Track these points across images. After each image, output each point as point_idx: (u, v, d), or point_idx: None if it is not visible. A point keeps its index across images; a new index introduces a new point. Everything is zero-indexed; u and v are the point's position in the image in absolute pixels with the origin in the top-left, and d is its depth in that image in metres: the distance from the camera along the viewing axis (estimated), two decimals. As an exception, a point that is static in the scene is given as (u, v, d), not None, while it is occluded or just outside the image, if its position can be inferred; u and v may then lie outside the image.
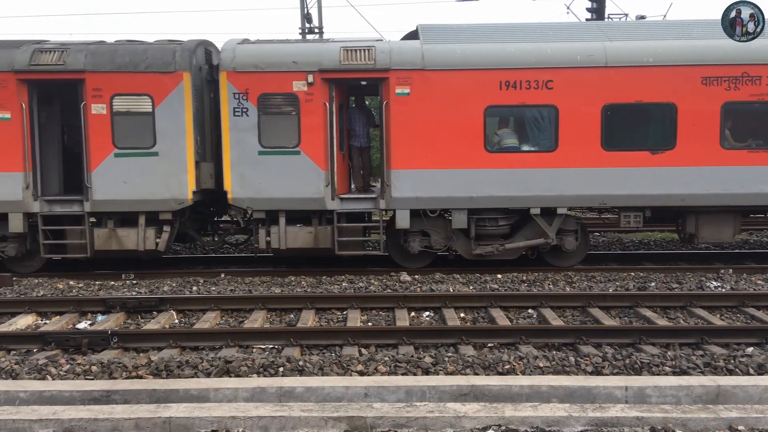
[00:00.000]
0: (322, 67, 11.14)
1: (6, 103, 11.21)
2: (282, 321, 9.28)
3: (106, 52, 11.35)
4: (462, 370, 6.60)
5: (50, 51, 11.32)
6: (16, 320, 9.03)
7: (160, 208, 11.41)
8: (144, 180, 11.28)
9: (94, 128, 11.26)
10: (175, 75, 11.17)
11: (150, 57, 11.23)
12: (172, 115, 11.21)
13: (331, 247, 11.48)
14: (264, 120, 11.23)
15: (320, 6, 24.59)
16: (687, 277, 11.13)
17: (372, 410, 5.44)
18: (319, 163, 11.28)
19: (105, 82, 11.19)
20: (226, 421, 5.30)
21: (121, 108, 11.24)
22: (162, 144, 11.26)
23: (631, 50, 11.13)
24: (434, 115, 11.15)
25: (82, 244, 11.52)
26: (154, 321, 9.00)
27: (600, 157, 11.21)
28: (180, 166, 11.29)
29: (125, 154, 11.27)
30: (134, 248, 11.49)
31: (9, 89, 11.19)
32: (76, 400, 5.81)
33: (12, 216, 11.38)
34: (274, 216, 11.51)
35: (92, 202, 11.38)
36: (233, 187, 11.36)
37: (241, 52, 11.30)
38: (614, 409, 5.46)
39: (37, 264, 12.06)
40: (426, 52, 11.18)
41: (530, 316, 9.30)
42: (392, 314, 9.26)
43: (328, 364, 6.74)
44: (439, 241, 11.69)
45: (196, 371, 6.66)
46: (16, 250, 11.68)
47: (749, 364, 6.69)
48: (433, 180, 11.28)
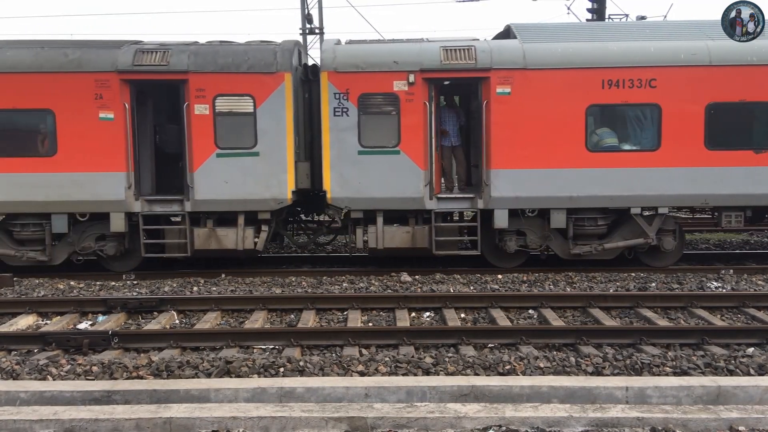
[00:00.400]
0: (423, 66, 11.16)
1: (109, 104, 11.19)
2: (282, 321, 9.28)
3: (208, 52, 11.40)
4: (462, 371, 6.60)
5: (152, 51, 11.34)
6: (17, 320, 9.03)
7: (259, 208, 11.46)
8: (244, 180, 11.33)
9: (197, 129, 11.30)
10: (276, 75, 11.23)
11: (252, 58, 11.27)
12: (273, 116, 11.25)
13: (427, 247, 11.50)
14: (364, 120, 11.27)
15: (321, 6, 24.62)
16: (687, 277, 11.13)
17: (372, 411, 5.44)
18: (418, 162, 11.30)
19: (208, 83, 11.23)
20: (227, 422, 5.30)
21: (224, 108, 11.28)
22: (263, 144, 11.30)
23: (735, 49, 11.03)
24: (535, 114, 11.13)
25: (182, 243, 11.56)
26: (155, 321, 9.00)
27: (703, 156, 11.16)
28: (280, 166, 11.33)
29: (227, 154, 11.31)
30: (233, 248, 11.53)
31: (112, 89, 11.17)
32: (76, 400, 5.81)
33: (114, 216, 11.37)
34: (370, 216, 11.54)
35: (193, 202, 11.42)
36: (332, 187, 11.38)
37: (341, 53, 11.35)
38: (615, 410, 5.46)
39: (133, 263, 12.08)
40: (527, 51, 11.16)
41: (531, 316, 9.30)
42: (393, 315, 9.26)
43: (328, 364, 6.74)
44: (535, 240, 11.68)
45: (196, 371, 6.67)
46: (116, 249, 11.70)
47: (750, 364, 6.69)
48: (533, 179, 11.27)
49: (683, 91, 11.07)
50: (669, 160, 11.17)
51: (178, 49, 11.40)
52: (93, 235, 11.71)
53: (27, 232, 11.61)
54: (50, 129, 11.29)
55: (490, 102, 11.13)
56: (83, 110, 11.17)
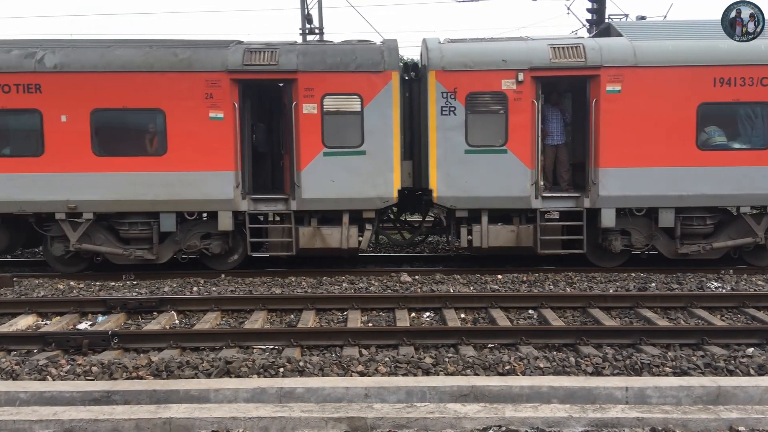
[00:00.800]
0: (533, 65, 11.18)
1: (219, 103, 11.22)
2: (282, 322, 9.28)
3: (317, 52, 11.46)
4: (462, 371, 6.60)
5: (261, 51, 11.37)
6: (17, 321, 9.03)
7: (365, 207, 11.53)
8: (351, 178, 11.38)
9: (305, 128, 11.33)
10: (384, 74, 11.27)
11: (360, 57, 11.31)
12: (380, 115, 11.30)
13: (532, 246, 11.54)
14: (471, 119, 11.30)
15: (320, 7, 24.59)
16: (687, 277, 11.13)
17: (372, 411, 5.44)
18: (525, 161, 11.32)
19: (317, 82, 11.28)
20: (227, 422, 5.30)
21: (332, 107, 11.32)
22: (369, 143, 11.35)
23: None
24: (645, 112, 11.13)
25: (287, 242, 11.59)
26: (155, 321, 9.00)
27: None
28: (386, 165, 11.39)
29: (334, 153, 11.36)
30: (338, 246, 11.59)
31: (223, 89, 11.20)
32: (76, 400, 5.81)
33: (222, 214, 11.40)
34: (474, 215, 11.56)
35: (299, 201, 11.46)
36: (438, 186, 11.41)
37: (449, 52, 11.37)
38: (615, 410, 5.45)
39: (235, 262, 12.12)
40: (637, 49, 11.16)
41: (531, 316, 9.30)
42: (392, 315, 9.26)
43: (328, 364, 6.74)
44: (640, 240, 11.65)
45: (196, 372, 6.67)
46: (221, 247, 11.76)
47: (750, 364, 6.69)
48: (642, 178, 11.26)
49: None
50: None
51: (286, 49, 11.45)
52: (198, 233, 11.76)
53: (135, 230, 11.61)
54: (160, 128, 11.32)
55: (600, 100, 11.15)
56: (193, 110, 11.22)
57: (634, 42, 11.27)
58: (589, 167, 11.44)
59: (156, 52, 11.31)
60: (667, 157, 11.20)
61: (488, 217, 11.51)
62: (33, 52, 11.22)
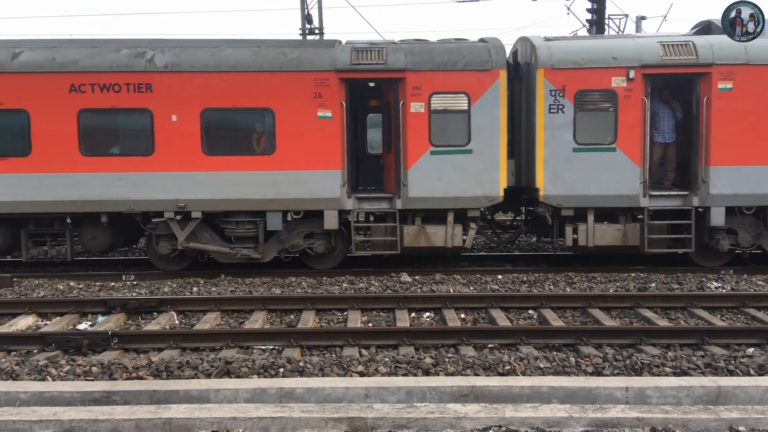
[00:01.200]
0: (643, 62, 11.20)
1: (327, 102, 11.26)
2: (282, 322, 9.28)
3: (424, 50, 11.45)
4: (462, 371, 6.59)
5: (369, 50, 11.40)
6: (17, 321, 9.02)
7: (470, 205, 11.54)
8: (457, 177, 11.39)
9: (412, 126, 11.36)
10: (491, 73, 11.29)
11: (468, 55, 11.32)
12: (487, 113, 11.32)
13: (638, 245, 11.52)
14: (580, 116, 11.31)
15: (320, 7, 24.59)
16: (687, 277, 11.13)
17: (372, 411, 5.43)
18: (635, 159, 11.33)
19: (424, 81, 11.29)
20: (227, 422, 5.30)
21: (439, 106, 11.35)
22: (476, 141, 11.37)
23: None
24: (757, 109, 11.16)
25: (392, 241, 11.61)
26: (155, 322, 9.00)
27: None
28: (493, 164, 11.40)
29: (440, 152, 11.38)
30: (442, 245, 11.60)
31: (331, 88, 11.24)
32: (76, 400, 5.81)
33: (328, 213, 11.46)
34: (578, 213, 11.58)
35: (405, 199, 11.48)
36: (545, 185, 11.41)
37: (558, 50, 11.39)
38: (615, 410, 5.45)
39: (335, 261, 12.15)
40: (748, 47, 11.12)
41: (531, 316, 9.30)
42: (392, 315, 9.25)
43: (328, 365, 6.74)
44: (747, 238, 11.67)
45: (196, 372, 6.66)
46: (324, 246, 11.81)
47: (750, 364, 6.69)
48: (754, 176, 11.29)
49: None
50: None
51: (394, 48, 11.48)
52: (302, 232, 11.80)
53: (241, 229, 11.65)
54: (269, 128, 11.37)
55: (711, 98, 11.15)
56: (302, 109, 11.27)
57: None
58: (698, 165, 11.42)
59: (265, 52, 11.36)
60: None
61: (593, 216, 11.52)
62: (143, 51, 11.27)
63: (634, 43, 11.47)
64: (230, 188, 11.35)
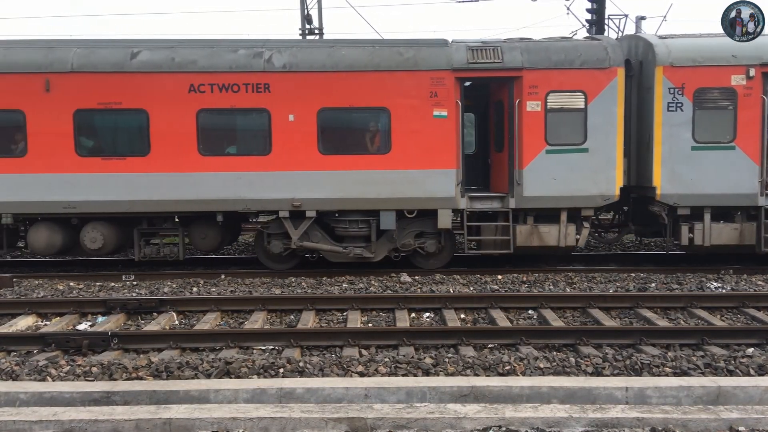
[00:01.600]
0: (763, 60, 11.25)
1: (443, 101, 11.29)
2: (282, 322, 9.28)
3: (540, 49, 11.47)
4: (462, 371, 6.60)
5: (484, 49, 11.42)
6: (17, 321, 9.02)
7: (584, 204, 11.54)
8: (572, 176, 11.40)
9: (528, 125, 11.36)
10: (609, 71, 11.30)
11: (584, 53, 11.33)
12: (604, 112, 11.31)
13: (754, 244, 11.54)
14: (699, 115, 11.32)
15: (320, 7, 24.58)
16: (687, 277, 11.13)
17: (372, 411, 5.43)
18: (753, 158, 11.35)
19: (541, 80, 11.31)
20: (227, 422, 5.30)
21: (555, 105, 11.36)
22: (592, 140, 11.37)
23: None
24: None
25: (504, 240, 11.61)
26: (155, 322, 8.99)
27: None
28: (609, 162, 11.40)
29: (556, 151, 11.40)
30: (555, 245, 11.62)
31: (447, 87, 11.27)
32: (76, 401, 5.81)
33: (442, 212, 11.48)
34: (695, 213, 11.57)
35: (519, 198, 11.50)
36: (662, 183, 11.41)
37: (676, 47, 11.39)
38: (615, 410, 5.45)
39: (443, 261, 12.15)
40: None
41: (531, 317, 9.30)
42: (392, 315, 9.25)
43: (328, 365, 6.74)
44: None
45: (196, 372, 6.66)
46: (435, 246, 11.84)
47: (750, 364, 6.69)
48: None
49: None
50: None
51: (509, 46, 11.50)
52: (413, 232, 11.84)
53: (354, 228, 11.69)
54: (384, 127, 11.41)
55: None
56: (418, 108, 11.31)
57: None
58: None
59: (381, 51, 11.42)
60: None
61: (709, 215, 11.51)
62: (260, 51, 11.35)
63: (756, 42, 11.40)
64: (345, 187, 11.42)
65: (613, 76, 11.28)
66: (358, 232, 11.70)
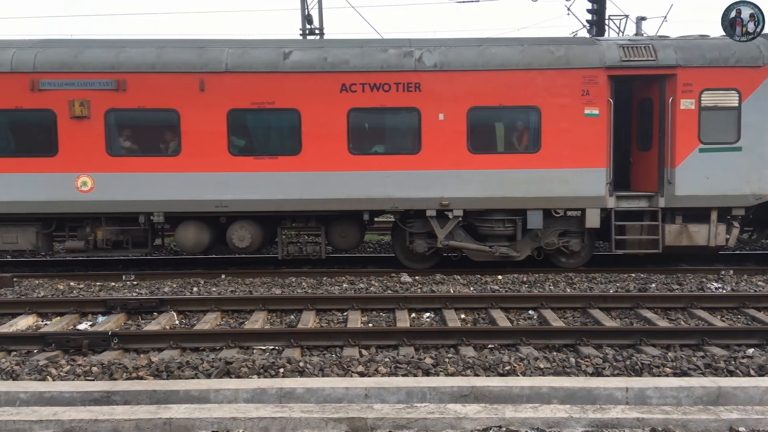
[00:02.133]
0: None
1: (595, 100, 11.26)
2: (282, 322, 9.28)
3: (694, 46, 11.46)
4: (462, 371, 6.59)
5: (636, 46, 11.41)
6: (17, 321, 9.02)
7: (736, 204, 11.50)
8: (725, 175, 11.35)
9: (681, 123, 11.31)
10: (763, 69, 11.28)
11: (738, 51, 11.28)
12: (758, 110, 11.28)
13: None
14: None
15: (321, 7, 24.58)
16: (688, 278, 11.13)
17: (372, 411, 5.43)
18: None
19: (695, 77, 11.27)
20: (227, 422, 5.30)
21: (709, 103, 11.31)
22: (746, 139, 11.32)
23: None
24: None
25: (653, 239, 11.56)
26: (155, 322, 9.00)
27: None
28: (763, 161, 11.35)
29: (709, 149, 11.34)
30: (704, 244, 11.58)
31: (599, 85, 11.25)
32: (76, 400, 5.81)
33: (590, 211, 11.47)
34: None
35: (670, 198, 11.45)
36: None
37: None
38: (615, 411, 5.45)
39: (583, 260, 12.13)
40: None
41: (531, 317, 9.30)
42: (393, 315, 9.25)
43: (328, 365, 6.74)
44: None
45: (196, 372, 6.66)
46: (580, 245, 11.84)
47: (750, 365, 6.69)
48: None
49: None
50: None
51: (662, 44, 11.48)
52: (557, 230, 11.83)
53: (500, 227, 11.68)
54: (533, 126, 11.41)
55: None
56: (569, 106, 11.29)
57: None
58: None
59: (531, 49, 11.41)
60: None
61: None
62: (410, 51, 11.39)
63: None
64: (493, 186, 11.42)
65: (766, 74, 11.26)
66: (503, 231, 11.69)
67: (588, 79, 11.23)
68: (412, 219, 11.83)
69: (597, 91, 11.25)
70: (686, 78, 11.24)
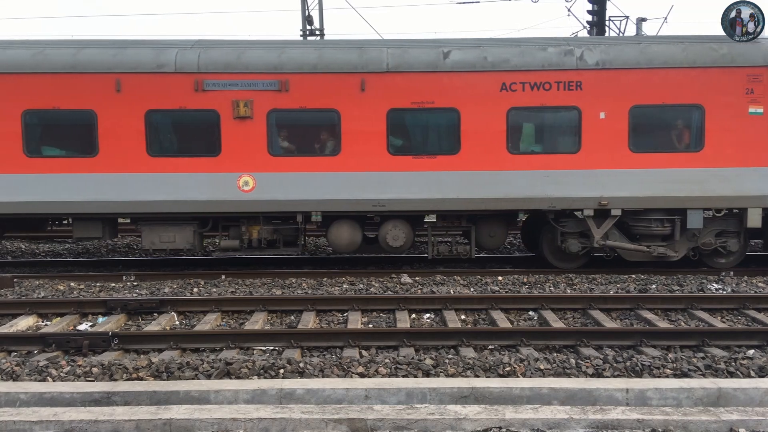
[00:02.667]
0: None
1: (760, 98, 11.16)
2: (283, 323, 9.28)
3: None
4: (463, 372, 6.59)
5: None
6: (17, 321, 9.02)
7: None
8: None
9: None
10: None
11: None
12: None
13: None
14: None
15: (321, 8, 24.61)
16: (688, 279, 11.13)
17: (372, 412, 5.43)
18: None
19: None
20: (227, 423, 5.30)
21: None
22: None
23: None
24: None
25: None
26: (155, 322, 9.00)
27: None
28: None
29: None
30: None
31: (764, 83, 11.13)
32: (76, 401, 5.81)
33: (752, 211, 11.36)
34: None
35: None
36: None
37: None
38: (615, 412, 5.45)
39: (736, 261, 12.06)
40: None
41: (531, 318, 9.30)
42: (393, 316, 9.25)
43: (328, 365, 6.74)
44: None
45: (196, 373, 6.66)
46: (737, 245, 11.78)
47: (750, 366, 6.69)
48: None
49: None
50: None
51: None
52: (714, 230, 11.73)
53: (658, 227, 11.60)
54: (696, 124, 11.32)
55: None
56: (732, 105, 11.19)
57: None
58: None
59: (694, 47, 11.34)
60: None
61: None
62: (570, 49, 11.35)
63: None
64: (653, 185, 11.33)
65: None
66: (661, 230, 11.63)
67: (752, 77, 11.16)
68: (566, 218, 11.78)
69: (762, 90, 11.17)
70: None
